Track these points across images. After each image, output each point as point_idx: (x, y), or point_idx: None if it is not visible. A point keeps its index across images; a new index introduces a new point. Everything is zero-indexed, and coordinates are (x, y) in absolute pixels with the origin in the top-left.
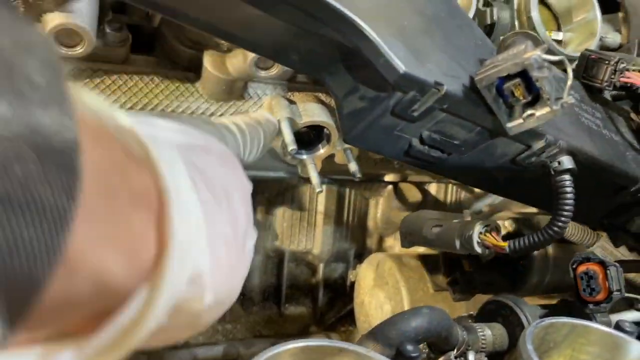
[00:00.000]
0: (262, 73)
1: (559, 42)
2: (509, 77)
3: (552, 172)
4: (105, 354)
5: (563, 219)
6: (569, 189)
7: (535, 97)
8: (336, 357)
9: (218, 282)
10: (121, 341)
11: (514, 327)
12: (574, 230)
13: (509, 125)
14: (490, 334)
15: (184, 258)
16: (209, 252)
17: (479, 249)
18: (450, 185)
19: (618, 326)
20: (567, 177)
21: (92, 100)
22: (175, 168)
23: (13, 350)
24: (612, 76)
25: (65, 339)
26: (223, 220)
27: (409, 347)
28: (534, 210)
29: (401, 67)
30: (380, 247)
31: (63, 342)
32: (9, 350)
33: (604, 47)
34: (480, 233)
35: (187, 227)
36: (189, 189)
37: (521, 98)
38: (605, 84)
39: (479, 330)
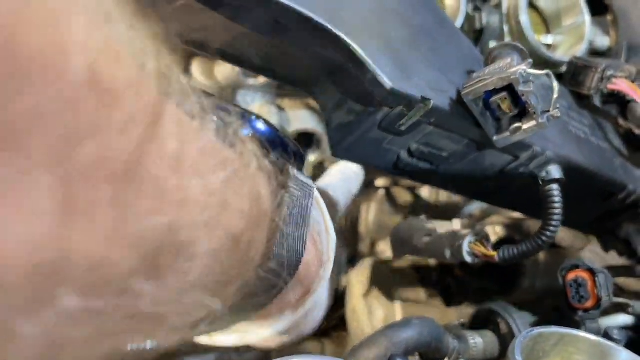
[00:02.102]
0: (251, 81)
1: (548, 46)
2: (496, 91)
3: (541, 182)
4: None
5: (552, 228)
6: (557, 199)
7: (522, 111)
8: None
9: None
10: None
11: (505, 335)
12: (564, 235)
13: (496, 138)
14: (481, 341)
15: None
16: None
17: (468, 259)
18: (441, 190)
19: (606, 334)
20: (555, 186)
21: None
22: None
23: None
24: (600, 83)
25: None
26: None
27: None
28: (524, 217)
29: (388, 83)
30: (372, 252)
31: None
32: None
33: (593, 51)
34: (470, 242)
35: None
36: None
37: (508, 111)
38: (593, 91)
39: (470, 338)
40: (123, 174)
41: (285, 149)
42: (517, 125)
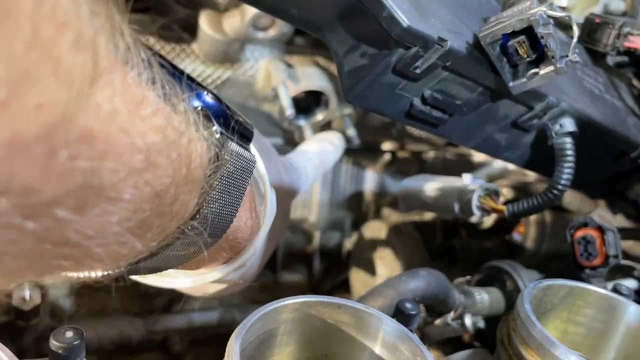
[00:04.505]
0: (260, 34)
1: (562, 8)
2: (514, 34)
3: (554, 135)
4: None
5: (563, 181)
6: (569, 152)
7: (539, 56)
8: (335, 313)
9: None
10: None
11: (511, 292)
12: (571, 198)
13: (513, 84)
14: (487, 297)
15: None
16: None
17: (478, 212)
18: (447, 155)
19: (615, 289)
20: (568, 139)
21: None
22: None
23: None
24: (616, 40)
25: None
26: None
27: (408, 305)
28: (531, 180)
29: (404, 20)
30: (376, 216)
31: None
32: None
33: (607, 14)
34: (480, 196)
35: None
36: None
37: (525, 56)
38: (609, 48)
39: (476, 294)
40: (58, 120)
41: (228, 124)
42: (534, 70)
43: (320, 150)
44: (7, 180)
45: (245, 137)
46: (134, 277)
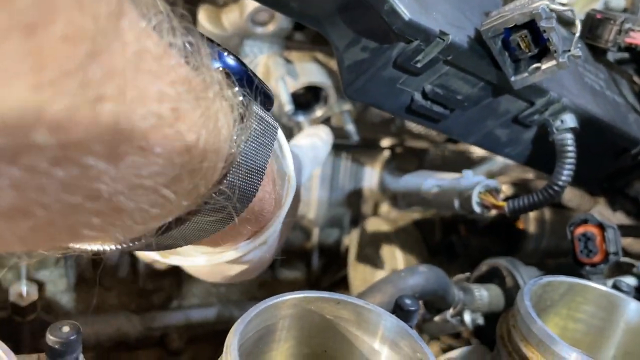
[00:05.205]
0: (259, 29)
1: (563, 4)
2: (516, 28)
3: (555, 131)
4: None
5: (563, 177)
6: (570, 148)
7: (541, 50)
8: (334, 309)
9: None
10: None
11: (510, 289)
12: (571, 195)
13: (514, 78)
14: (486, 294)
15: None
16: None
17: (478, 209)
18: (447, 151)
19: (615, 286)
20: (569, 135)
21: None
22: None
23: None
24: (617, 37)
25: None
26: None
27: (407, 301)
28: (532, 177)
29: (406, 14)
30: (375, 213)
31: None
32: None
33: (608, 10)
34: (480, 193)
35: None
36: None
37: (527, 51)
38: (610, 44)
39: (476, 290)
40: (86, 55)
41: (251, 86)
42: (536, 65)
43: (311, 146)
44: (38, 110)
45: (266, 103)
46: (153, 255)
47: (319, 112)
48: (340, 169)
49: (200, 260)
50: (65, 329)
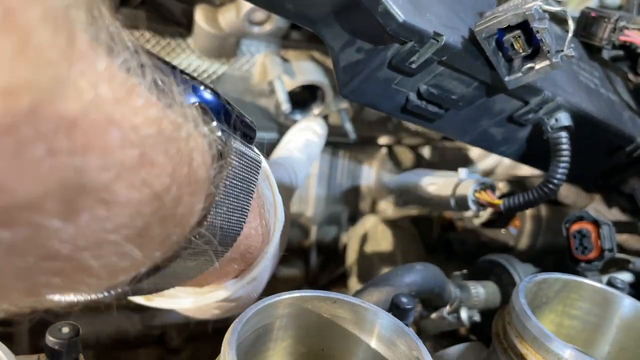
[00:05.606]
0: (255, 29)
1: (558, 2)
2: (509, 29)
3: (549, 129)
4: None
5: (558, 175)
6: (565, 146)
7: (535, 50)
8: (331, 308)
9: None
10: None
11: (507, 285)
12: (567, 192)
13: (508, 78)
14: (483, 291)
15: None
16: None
17: (473, 207)
18: (444, 149)
19: (610, 283)
20: (564, 134)
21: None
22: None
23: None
24: (612, 34)
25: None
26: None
27: (404, 299)
28: (527, 174)
29: (400, 15)
30: (373, 210)
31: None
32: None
33: (603, 8)
34: (476, 191)
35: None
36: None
37: (521, 51)
38: (604, 42)
39: (472, 287)
40: (30, 106)
41: (229, 120)
42: (529, 65)
43: (305, 143)
44: None
45: (247, 135)
46: (137, 300)
47: (316, 111)
48: (337, 167)
49: (187, 303)
50: (65, 329)
